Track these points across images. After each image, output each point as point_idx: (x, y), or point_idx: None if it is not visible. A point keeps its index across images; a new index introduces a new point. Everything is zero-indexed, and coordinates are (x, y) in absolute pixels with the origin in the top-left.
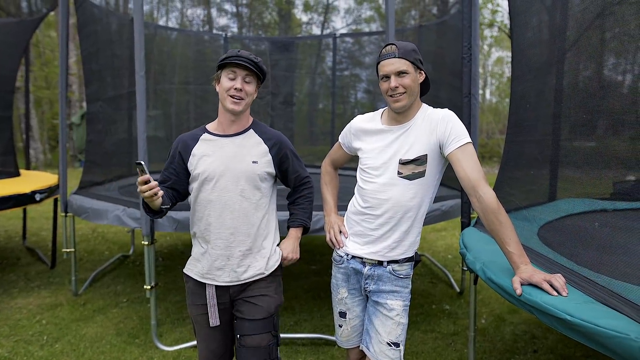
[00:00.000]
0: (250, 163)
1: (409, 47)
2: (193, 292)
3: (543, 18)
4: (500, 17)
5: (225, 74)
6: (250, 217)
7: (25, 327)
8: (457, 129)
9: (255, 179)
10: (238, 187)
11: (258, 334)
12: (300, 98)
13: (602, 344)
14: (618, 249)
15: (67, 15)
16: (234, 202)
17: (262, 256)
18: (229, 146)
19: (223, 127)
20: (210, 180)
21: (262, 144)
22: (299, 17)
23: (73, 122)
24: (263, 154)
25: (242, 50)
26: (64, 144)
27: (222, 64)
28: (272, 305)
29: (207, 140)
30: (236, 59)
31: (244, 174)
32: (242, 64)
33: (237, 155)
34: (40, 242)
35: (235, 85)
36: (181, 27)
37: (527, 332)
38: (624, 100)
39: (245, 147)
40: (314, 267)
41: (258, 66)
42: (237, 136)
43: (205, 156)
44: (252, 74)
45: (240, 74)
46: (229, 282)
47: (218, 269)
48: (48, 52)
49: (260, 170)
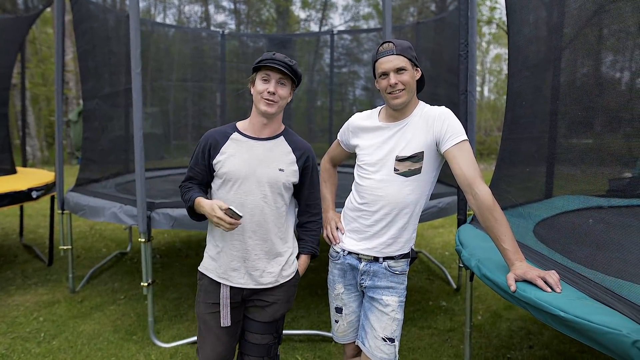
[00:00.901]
0: (276, 170)
1: (405, 44)
2: (207, 291)
3: (540, 15)
4: (499, 14)
5: (259, 76)
6: (269, 222)
7: (22, 324)
8: (454, 126)
9: (279, 187)
10: (261, 191)
11: (261, 333)
12: (298, 95)
13: (595, 340)
14: (612, 245)
15: (63, 12)
16: (255, 206)
17: (278, 263)
18: (258, 149)
19: (255, 128)
20: (235, 180)
21: (291, 153)
22: (297, 14)
23: (70, 119)
24: (290, 163)
25: (277, 54)
26: (61, 141)
27: (257, 67)
28: (279, 312)
29: (237, 140)
30: (270, 62)
31: (269, 179)
32: (276, 67)
33: (264, 160)
34: (37, 240)
35: (269, 89)
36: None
37: (523, 328)
38: (621, 97)
39: (274, 152)
40: (311, 264)
41: (292, 69)
42: (267, 140)
43: (232, 156)
44: (286, 77)
45: (274, 77)
46: (243, 284)
47: (233, 270)
48: (45, 48)
49: (285, 179)
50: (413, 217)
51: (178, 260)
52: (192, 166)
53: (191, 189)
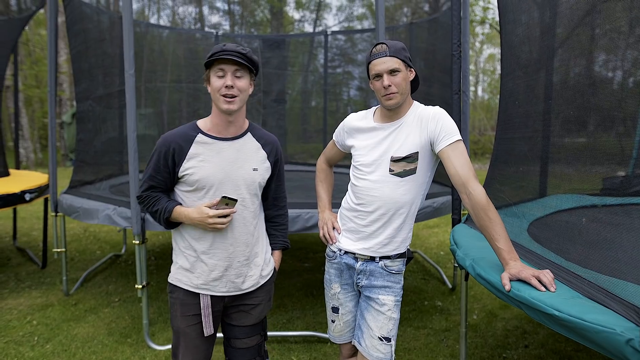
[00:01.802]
0: (250, 170)
1: (399, 45)
2: (183, 304)
3: (533, 15)
4: (492, 14)
5: (213, 72)
6: (249, 226)
7: (15, 327)
8: (448, 126)
9: (255, 187)
10: (238, 195)
11: (248, 337)
12: (292, 96)
13: (589, 339)
14: (606, 244)
15: (55, 13)
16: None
17: (256, 265)
18: (227, 151)
19: (219, 129)
20: (209, 188)
21: (261, 149)
22: (291, 14)
23: (64, 121)
24: (262, 161)
25: (228, 44)
26: (54, 143)
27: (209, 62)
28: (263, 312)
29: (203, 142)
30: (222, 54)
31: (245, 181)
32: (230, 59)
33: (236, 161)
34: (31, 242)
35: (226, 83)
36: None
37: (519, 327)
38: (613, 96)
39: (244, 152)
40: (307, 265)
41: (247, 58)
42: (235, 140)
43: (202, 161)
44: (242, 68)
45: (230, 70)
46: (226, 292)
47: (215, 280)
48: (38, 50)
49: (260, 178)
50: (409, 217)
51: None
52: (152, 175)
53: (160, 198)
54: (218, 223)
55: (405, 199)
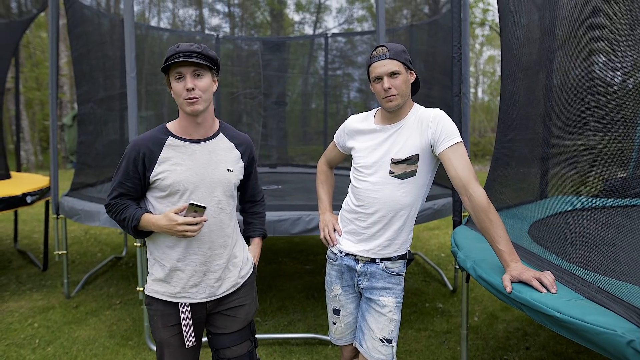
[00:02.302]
0: (225, 171)
1: (399, 48)
2: (163, 314)
3: (532, 17)
4: (492, 15)
5: (172, 76)
6: (226, 228)
7: (17, 330)
8: (448, 128)
9: (231, 188)
10: (214, 198)
11: (238, 344)
12: (292, 98)
13: (590, 340)
14: (606, 246)
15: (57, 16)
16: (211, 215)
17: (235, 265)
18: (200, 153)
19: (189, 131)
20: (183, 192)
21: (234, 149)
22: (291, 17)
23: (64, 124)
24: (236, 161)
25: (181, 44)
26: (55, 146)
27: (165, 67)
28: (249, 314)
29: (175, 145)
30: (177, 57)
31: (220, 183)
32: (184, 61)
33: (210, 163)
34: (32, 245)
35: (186, 86)
36: (173, 27)
37: (520, 329)
38: (613, 98)
39: (217, 153)
40: (308, 267)
41: (204, 55)
42: (207, 141)
43: (174, 164)
44: (200, 67)
45: (187, 72)
46: (205, 297)
47: (193, 286)
48: (38, 53)
49: (235, 179)
50: (409, 219)
51: None
52: (121, 182)
53: (128, 206)
54: (187, 231)
55: (405, 201)
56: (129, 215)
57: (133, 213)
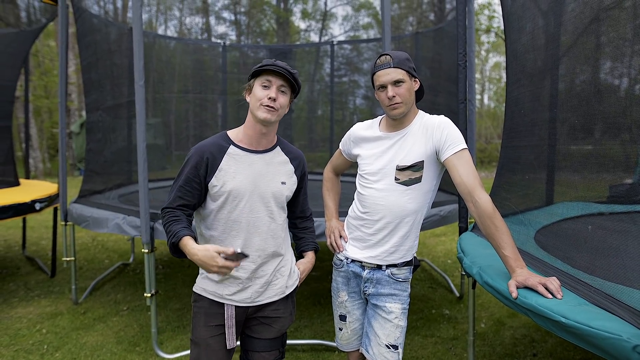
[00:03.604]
0: (279, 184)
1: (403, 56)
2: (208, 313)
3: (537, 23)
4: (497, 22)
5: (259, 82)
6: (277, 238)
7: (25, 336)
8: (453, 135)
9: (283, 201)
10: (267, 208)
11: (267, 351)
12: (298, 105)
13: (595, 345)
14: (612, 251)
15: (66, 25)
16: (263, 224)
17: (282, 274)
18: (258, 164)
19: (252, 141)
20: (239, 199)
21: (289, 163)
22: (297, 24)
23: (72, 131)
24: (290, 175)
25: (278, 61)
26: (64, 153)
27: (256, 72)
28: (285, 326)
29: (235, 154)
30: (273, 67)
31: (273, 195)
32: (278, 72)
33: (267, 174)
34: (40, 251)
35: (270, 95)
36: (180, 35)
37: (527, 335)
38: (619, 103)
39: (274, 166)
40: (314, 274)
41: (294, 77)
42: (266, 153)
43: (234, 172)
44: (287, 85)
45: (276, 83)
46: (250, 302)
47: (241, 291)
48: (47, 61)
49: (288, 192)
50: (415, 225)
51: (181, 270)
52: (182, 185)
53: (179, 220)
54: (222, 272)
55: (411, 208)
56: (173, 230)
57: (178, 230)
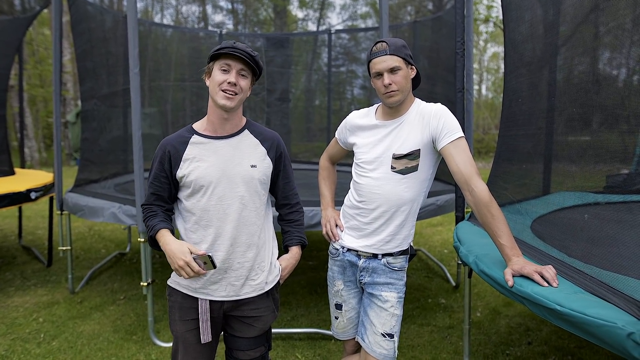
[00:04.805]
0: (248, 167)
1: (399, 43)
2: (182, 307)
3: (536, 13)
4: (496, 12)
5: (218, 66)
6: (250, 225)
7: (22, 325)
8: (450, 123)
9: (255, 184)
10: (237, 193)
11: (252, 349)
12: (296, 94)
13: (591, 333)
14: (608, 240)
15: (60, 13)
16: (233, 211)
17: (262, 269)
18: (224, 149)
19: (215, 127)
20: (206, 187)
21: (260, 145)
22: (295, 13)
23: (68, 120)
24: (262, 157)
25: (238, 42)
26: (59, 142)
27: (215, 55)
28: (267, 323)
29: (198, 143)
30: (232, 50)
31: (242, 178)
32: (238, 56)
33: (233, 158)
34: (36, 241)
35: (229, 79)
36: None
37: (522, 324)
38: (617, 94)
39: (241, 149)
40: (311, 263)
41: (255, 60)
42: (232, 137)
43: (198, 161)
44: (248, 68)
45: (235, 67)
46: (225, 296)
47: (214, 283)
48: (42, 50)
49: (260, 175)
50: (411, 214)
51: None
52: (152, 182)
53: (156, 215)
54: (183, 269)
55: (407, 196)
56: (150, 225)
57: (155, 224)
